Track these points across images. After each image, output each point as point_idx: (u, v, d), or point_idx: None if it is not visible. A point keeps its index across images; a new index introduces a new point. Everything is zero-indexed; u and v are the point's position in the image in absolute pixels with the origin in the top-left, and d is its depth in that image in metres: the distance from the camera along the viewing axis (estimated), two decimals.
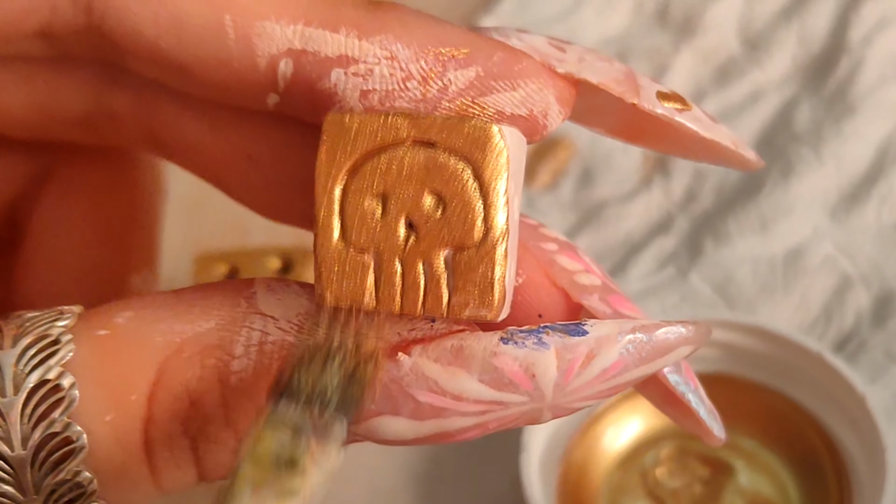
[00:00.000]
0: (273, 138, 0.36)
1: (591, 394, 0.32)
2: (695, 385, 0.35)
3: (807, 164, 0.55)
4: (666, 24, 0.62)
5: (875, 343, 0.51)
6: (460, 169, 0.31)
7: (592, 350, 0.31)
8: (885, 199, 0.54)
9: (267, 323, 0.32)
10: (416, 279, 0.31)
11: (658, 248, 0.55)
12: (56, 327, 0.32)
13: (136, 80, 0.36)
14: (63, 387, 0.31)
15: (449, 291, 0.31)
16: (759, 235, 0.54)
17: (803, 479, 0.47)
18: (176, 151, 0.37)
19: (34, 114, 0.37)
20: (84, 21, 0.33)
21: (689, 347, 0.33)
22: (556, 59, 0.33)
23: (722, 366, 0.49)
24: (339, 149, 0.31)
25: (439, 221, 0.31)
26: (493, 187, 0.31)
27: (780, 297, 0.53)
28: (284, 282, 0.32)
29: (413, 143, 0.31)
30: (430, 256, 0.31)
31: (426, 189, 0.31)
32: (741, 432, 0.48)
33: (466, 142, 0.31)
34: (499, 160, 0.31)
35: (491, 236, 0.31)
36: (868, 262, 0.53)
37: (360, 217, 0.31)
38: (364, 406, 0.30)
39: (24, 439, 0.31)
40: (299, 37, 0.32)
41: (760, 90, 0.59)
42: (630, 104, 0.34)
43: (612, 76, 0.34)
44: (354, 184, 0.31)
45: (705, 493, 0.47)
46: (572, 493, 0.47)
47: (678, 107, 0.35)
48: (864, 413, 0.46)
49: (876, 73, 0.58)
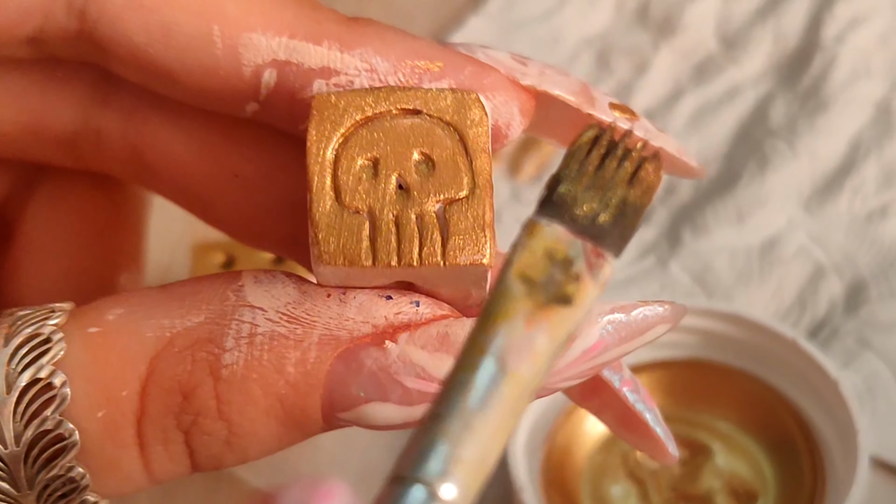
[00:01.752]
0: (260, 156, 0.36)
1: (574, 373, 0.32)
2: (651, 405, 0.35)
3: (782, 157, 0.55)
4: (646, 24, 0.62)
5: (847, 330, 0.51)
6: (446, 133, 0.32)
7: (574, 332, 0.31)
8: (856, 191, 0.55)
9: (256, 315, 0.32)
10: (411, 232, 0.31)
11: (638, 239, 0.55)
12: (48, 325, 0.32)
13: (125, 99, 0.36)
14: (55, 385, 0.31)
15: (443, 240, 0.31)
16: (735, 226, 0.54)
17: (778, 460, 0.48)
18: (161, 173, 0.37)
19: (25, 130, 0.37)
20: (76, 27, 0.33)
21: (665, 326, 0.33)
22: (520, 72, 0.34)
23: (700, 352, 0.50)
24: (329, 122, 0.32)
25: (429, 178, 0.31)
26: (478, 146, 0.32)
27: (756, 286, 0.53)
28: (271, 273, 0.32)
29: (400, 112, 0.32)
30: (423, 210, 0.31)
31: (415, 151, 0.32)
32: (718, 416, 0.49)
33: (451, 109, 0.32)
34: (482, 122, 0.32)
35: (479, 188, 0.31)
36: (840, 252, 0.53)
37: (353, 180, 0.31)
38: (635, 232, 0.27)
39: (17, 437, 0.31)
40: (284, 48, 0.33)
41: (737, 87, 0.59)
42: (585, 114, 0.34)
43: (570, 88, 0.35)
44: (345, 151, 0.32)
45: (684, 474, 0.47)
46: (556, 474, 0.47)
47: (627, 117, 0.36)
48: (836, 397, 0.47)
49: (848, 69, 0.58)
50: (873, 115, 0.57)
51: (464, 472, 0.24)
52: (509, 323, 0.25)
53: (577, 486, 0.47)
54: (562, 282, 0.26)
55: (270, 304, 0.32)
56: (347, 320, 0.32)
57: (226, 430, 0.32)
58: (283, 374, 0.31)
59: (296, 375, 0.31)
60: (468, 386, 0.25)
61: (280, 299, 0.32)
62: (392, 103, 0.32)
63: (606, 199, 0.27)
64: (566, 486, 0.47)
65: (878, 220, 0.54)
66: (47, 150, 0.37)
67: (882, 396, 0.49)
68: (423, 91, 0.32)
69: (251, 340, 0.31)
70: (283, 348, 0.31)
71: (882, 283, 0.52)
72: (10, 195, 0.39)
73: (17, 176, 0.39)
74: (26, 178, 0.39)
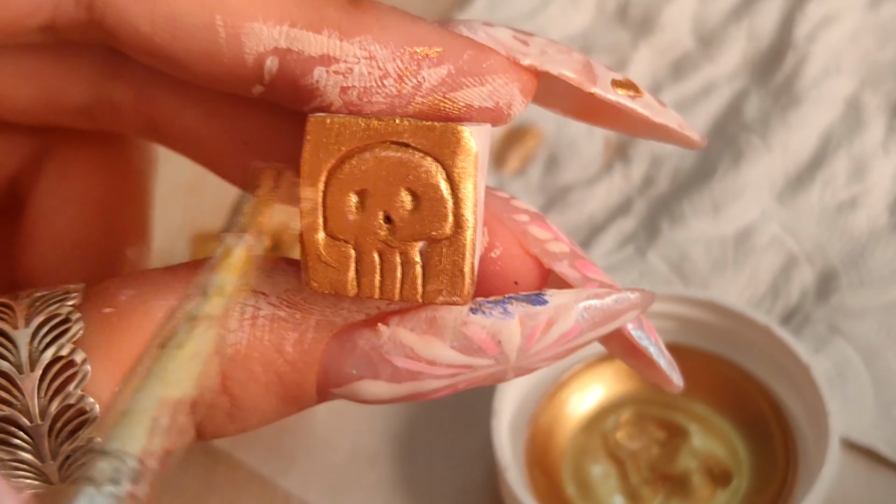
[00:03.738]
0: (268, 126, 0.36)
1: (551, 355, 0.33)
2: (655, 339, 0.36)
3: (755, 151, 0.56)
4: (625, 22, 0.62)
5: (818, 316, 0.51)
6: (433, 169, 0.31)
7: (552, 317, 0.32)
8: (827, 183, 0.55)
9: (259, 299, 0.32)
10: (393, 269, 0.32)
11: (618, 229, 0.55)
12: (65, 306, 0.32)
13: (136, 73, 0.36)
14: (76, 362, 0.31)
15: (424, 280, 0.32)
16: (711, 217, 0.54)
17: (753, 441, 0.48)
18: (174, 139, 0.37)
19: (40, 104, 0.37)
20: (85, 17, 0.33)
21: (636, 311, 0.34)
22: (521, 52, 0.34)
23: (677, 337, 0.50)
24: (322, 149, 0.32)
25: (414, 216, 0.32)
26: (463, 186, 0.32)
27: (731, 274, 0.53)
28: (273, 260, 0.33)
29: (389, 144, 0.31)
30: (406, 248, 0.32)
31: (402, 186, 0.32)
32: (695, 398, 0.48)
33: (438, 144, 0.31)
34: (467, 160, 0.31)
35: (461, 230, 0.32)
36: (812, 242, 0.53)
37: (342, 212, 0.32)
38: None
39: (42, 411, 0.31)
40: (285, 37, 0.32)
41: (713, 83, 0.59)
42: (587, 93, 0.34)
43: (571, 67, 0.34)
44: (336, 181, 0.32)
45: (662, 454, 0.48)
46: (539, 454, 0.47)
47: (631, 94, 0.35)
48: (808, 381, 0.47)
49: (819, 67, 0.58)
50: (843, 110, 0.57)
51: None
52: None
53: (559, 465, 0.47)
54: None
55: (272, 290, 0.32)
56: (343, 309, 0.32)
57: (229, 404, 0.33)
58: (282, 354, 0.32)
59: (294, 355, 0.32)
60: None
61: (281, 286, 0.33)
62: (382, 135, 0.32)
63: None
64: (549, 466, 0.47)
65: (847, 211, 0.54)
66: (65, 119, 0.38)
67: (852, 380, 0.49)
68: (412, 123, 0.31)
69: (254, 322, 0.32)
70: (283, 330, 0.32)
71: (852, 271, 0.52)
72: (21, 171, 0.39)
73: (27, 153, 0.39)
74: (36, 155, 0.39)
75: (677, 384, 0.37)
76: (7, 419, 0.31)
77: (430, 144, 0.31)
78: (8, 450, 0.32)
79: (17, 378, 0.31)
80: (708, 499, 0.46)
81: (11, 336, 0.31)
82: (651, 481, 0.47)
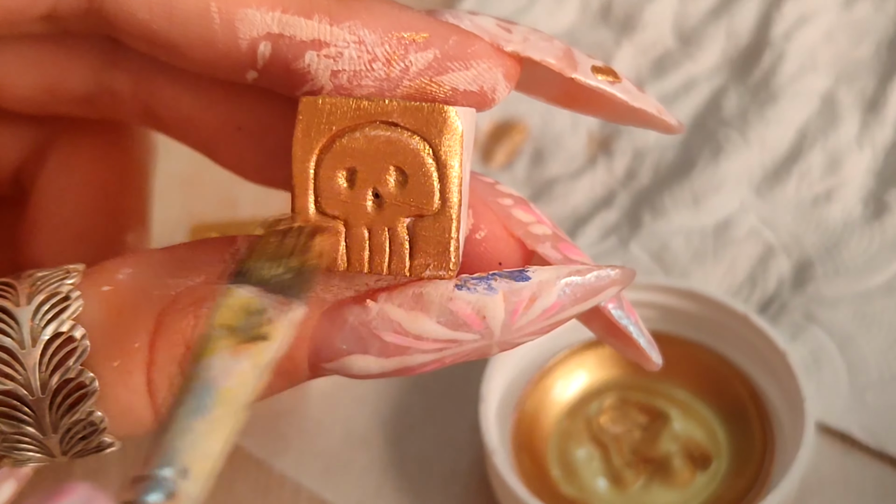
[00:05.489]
0: (260, 111, 0.36)
1: (535, 330, 0.33)
2: (635, 318, 0.36)
3: (734, 145, 0.56)
4: (609, 21, 0.62)
5: (794, 305, 0.51)
6: (420, 147, 0.32)
7: (535, 293, 0.32)
8: (803, 176, 0.55)
9: None
10: (381, 244, 0.32)
11: (602, 221, 0.55)
12: (65, 285, 0.32)
13: (134, 61, 0.37)
14: (76, 338, 0.31)
15: (411, 254, 0.32)
16: (691, 209, 0.54)
17: (731, 425, 0.48)
18: (171, 125, 0.38)
19: (41, 93, 0.37)
20: (86, 5, 0.33)
21: (616, 287, 0.34)
22: (504, 39, 0.34)
23: (658, 325, 0.50)
24: (314, 129, 0.32)
25: (401, 192, 0.32)
26: (449, 163, 0.32)
27: (711, 264, 0.53)
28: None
29: (379, 123, 0.32)
30: (394, 224, 0.32)
31: (390, 164, 0.32)
32: (676, 384, 0.49)
33: (425, 123, 0.32)
34: (454, 139, 0.32)
35: (447, 207, 0.32)
36: (788, 233, 0.53)
37: (332, 190, 0.32)
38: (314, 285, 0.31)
39: (43, 385, 0.31)
40: (277, 22, 0.33)
41: (693, 80, 0.59)
42: (568, 79, 0.34)
43: (553, 54, 0.35)
44: (326, 160, 0.32)
45: (644, 438, 0.48)
46: (525, 438, 0.47)
47: (610, 79, 0.36)
48: (785, 367, 0.47)
49: (795, 64, 0.58)
50: (819, 106, 0.57)
51: (194, 465, 0.27)
52: (215, 356, 0.29)
53: (544, 449, 0.47)
54: (257, 324, 0.29)
55: None
56: (333, 286, 0.32)
57: None
58: None
59: None
60: (186, 402, 0.28)
61: None
62: (372, 115, 0.32)
63: (285, 264, 0.30)
64: (535, 450, 0.47)
65: (823, 203, 0.54)
66: (67, 107, 0.38)
67: (827, 366, 0.49)
68: (400, 104, 0.32)
69: None
70: None
71: (827, 261, 0.52)
72: (25, 161, 0.39)
73: (31, 144, 0.39)
74: (39, 146, 0.39)
75: (656, 362, 0.37)
76: (10, 393, 0.31)
77: (417, 124, 0.32)
78: (12, 423, 0.32)
79: (20, 354, 0.31)
80: (688, 481, 0.46)
81: (14, 313, 0.32)
82: (633, 464, 0.47)
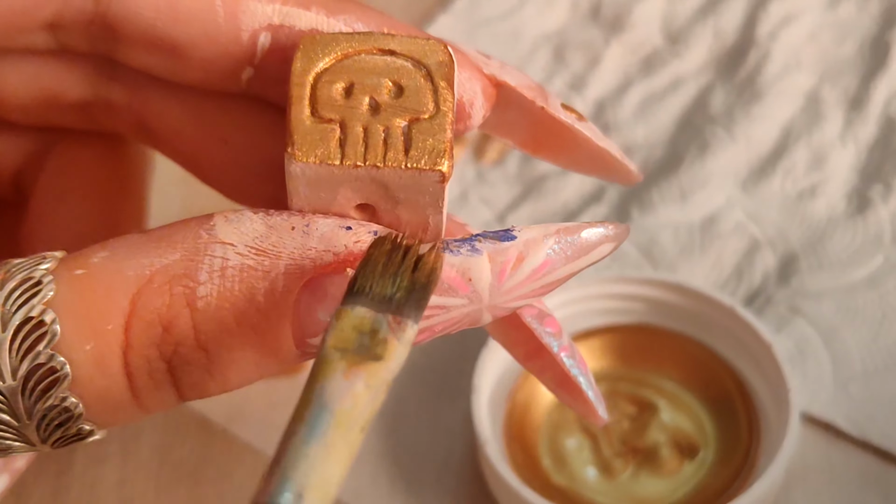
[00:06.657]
0: (248, 125, 0.36)
1: (525, 292, 0.32)
2: (585, 370, 0.35)
3: (720, 142, 0.56)
4: (598, 21, 0.62)
5: (780, 298, 0.51)
6: (416, 68, 0.32)
7: (522, 252, 0.31)
8: (788, 172, 0.55)
9: (227, 250, 0.31)
10: (377, 139, 0.31)
11: (591, 216, 0.55)
12: (39, 270, 0.31)
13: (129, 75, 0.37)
14: (46, 322, 0.31)
15: (406, 149, 0.31)
16: (679, 204, 0.54)
17: (718, 416, 0.48)
18: (161, 138, 0.38)
19: (41, 105, 0.37)
20: (92, 9, 0.33)
21: (610, 245, 0.33)
22: (483, 62, 0.35)
23: (647, 318, 0.50)
24: (313, 55, 0.32)
25: (397, 101, 0.32)
26: (443, 82, 0.32)
27: (698, 258, 0.53)
28: (240, 211, 0.32)
29: (377, 51, 0.32)
30: (390, 124, 0.32)
31: (387, 78, 0.32)
32: (664, 376, 0.49)
33: (422, 52, 0.33)
34: (449, 66, 0.32)
35: (441, 111, 0.32)
36: (773, 228, 0.54)
37: (329, 98, 0.32)
38: (427, 302, 0.30)
39: (14, 371, 0.31)
40: (277, 13, 0.34)
41: (680, 78, 0.59)
42: (539, 108, 0.35)
43: (526, 83, 0.35)
44: (325, 76, 0.32)
45: (632, 428, 0.48)
46: (517, 428, 0.47)
47: (576, 117, 0.36)
48: (770, 359, 0.47)
49: (780, 63, 0.58)
50: (803, 104, 0.57)
51: (310, 491, 0.27)
52: (328, 378, 0.28)
53: (535, 439, 0.47)
54: (371, 345, 0.29)
55: (239, 239, 0.31)
56: (310, 250, 0.31)
57: (205, 359, 0.32)
58: (253, 304, 0.31)
59: (266, 304, 0.31)
60: (301, 428, 0.28)
61: (248, 234, 0.31)
62: (371, 44, 0.33)
63: (397, 282, 0.30)
64: (526, 440, 0.47)
65: (807, 198, 0.54)
66: (65, 117, 0.38)
67: (811, 358, 0.49)
68: (399, 37, 0.33)
69: (223, 273, 0.31)
70: (253, 279, 0.31)
71: (811, 255, 0.52)
72: (25, 166, 0.39)
73: (31, 149, 0.39)
74: (39, 151, 0.39)
75: (602, 417, 0.36)
76: None
77: (415, 53, 0.32)
78: None
79: None
80: (676, 470, 0.46)
81: None
82: (622, 454, 0.47)
